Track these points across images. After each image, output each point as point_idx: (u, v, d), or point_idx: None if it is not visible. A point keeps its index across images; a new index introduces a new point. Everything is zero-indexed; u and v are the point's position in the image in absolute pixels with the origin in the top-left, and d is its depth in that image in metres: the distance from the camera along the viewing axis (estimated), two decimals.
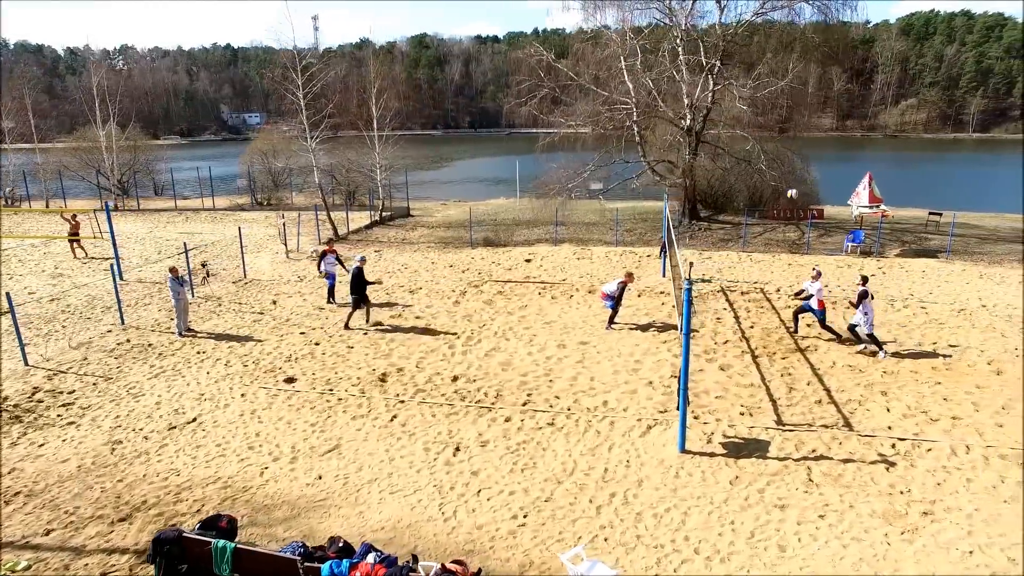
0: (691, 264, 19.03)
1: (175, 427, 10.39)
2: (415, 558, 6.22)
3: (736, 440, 9.76)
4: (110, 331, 14.84)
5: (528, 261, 21.83)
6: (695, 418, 10.47)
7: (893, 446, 9.54)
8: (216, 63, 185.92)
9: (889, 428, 10.09)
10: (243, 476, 8.98)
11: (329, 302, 17.08)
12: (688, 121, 25.08)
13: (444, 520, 7.91)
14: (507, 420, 10.53)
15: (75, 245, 21.97)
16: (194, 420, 10.63)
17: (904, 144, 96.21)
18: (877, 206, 21.75)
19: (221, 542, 6.09)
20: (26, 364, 12.84)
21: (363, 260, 15.34)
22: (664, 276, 19.27)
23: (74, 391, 11.71)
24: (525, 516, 7.96)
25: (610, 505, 8.15)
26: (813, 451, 9.41)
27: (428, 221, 31.15)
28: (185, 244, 19.19)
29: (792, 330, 14.50)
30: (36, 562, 7.23)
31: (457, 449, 9.64)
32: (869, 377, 12.00)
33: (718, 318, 15.54)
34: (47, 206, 34.63)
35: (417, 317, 15.95)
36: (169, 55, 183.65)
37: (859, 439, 9.73)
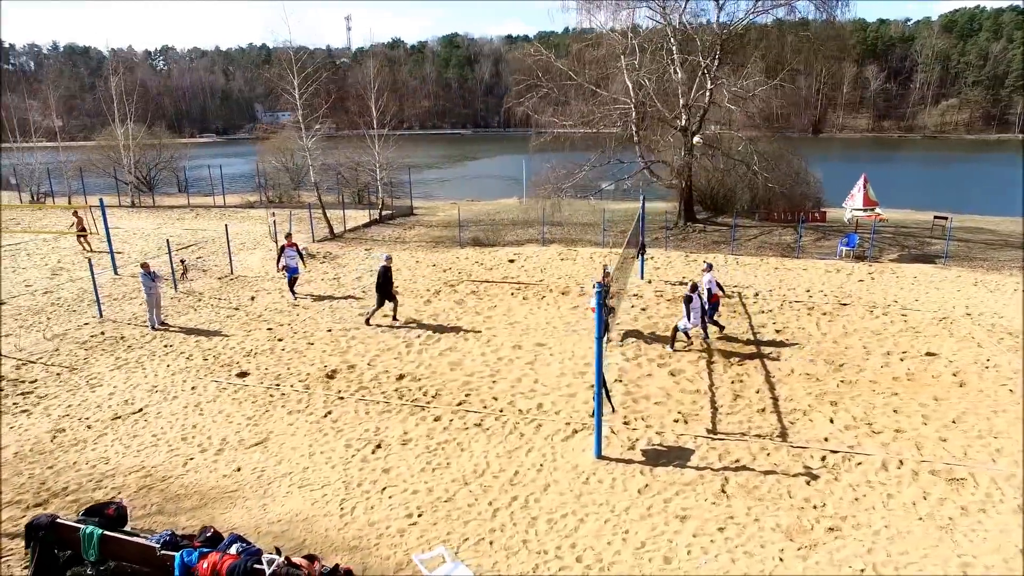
0: (605, 267, 19.01)
1: (119, 417, 10.75)
2: (278, 551, 6.32)
3: (659, 448, 9.61)
4: (87, 324, 15.40)
5: (511, 261, 21.82)
6: (624, 423, 10.36)
7: (823, 458, 9.28)
8: (251, 63, 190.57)
9: (825, 440, 9.81)
10: (167, 466, 9.24)
11: (292, 293, 17.52)
12: (683, 121, 24.71)
13: (340, 516, 8.01)
14: (436, 420, 10.59)
15: (82, 240, 22.87)
16: (140, 411, 10.98)
17: (943, 145, 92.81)
18: (872, 209, 21.06)
19: (89, 528, 6.30)
20: None
21: (389, 259, 15.60)
22: (642, 278, 19.04)
23: (36, 380, 12.20)
24: (420, 515, 8.01)
25: (508, 508, 8.13)
26: (736, 461, 9.21)
27: (428, 220, 31.38)
28: (168, 241, 19.79)
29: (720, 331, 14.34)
30: None
31: (378, 447, 9.74)
32: (824, 386, 11.68)
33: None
34: (69, 202, 36.03)
35: (385, 315, 16.10)
36: (207, 55, 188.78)
37: (789, 450, 9.50)
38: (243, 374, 12.55)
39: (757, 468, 9.01)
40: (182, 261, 19.12)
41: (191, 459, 9.43)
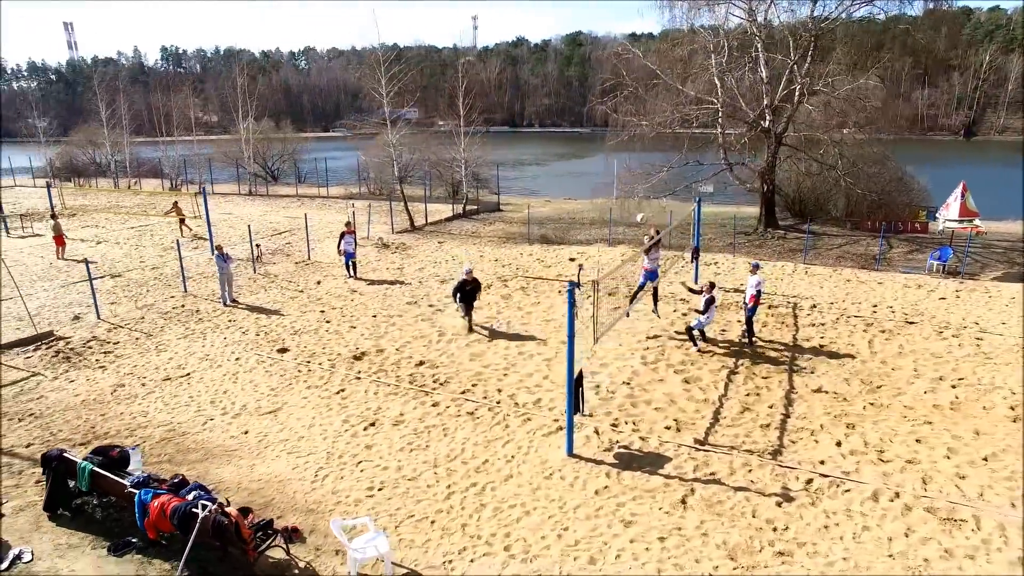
0: (580, 267, 18.53)
1: (169, 379, 12.31)
2: (228, 502, 7.14)
3: (637, 452, 9.51)
4: (173, 297, 17.57)
5: (572, 260, 21.89)
6: (612, 426, 10.32)
7: (809, 482, 8.74)
8: (382, 61, 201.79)
9: (821, 463, 9.21)
10: (189, 424, 10.53)
11: (352, 277, 19.03)
12: (766, 122, 23.42)
13: (311, 482, 8.76)
14: (434, 405, 11.12)
15: (183, 224, 25.94)
16: (187, 375, 12.50)
17: None
18: (969, 220, 18.81)
19: (84, 464, 7.47)
20: (98, 317, 15.71)
21: (469, 272, 14.84)
22: (696, 283, 18.41)
23: (119, 342, 14.21)
24: (379, 489, 8.58)
25: (463, 493, 8.48)
26: (712, 474, 8.92)
27: (511, 217, 32.03)
28: (249, 227, 21.88)
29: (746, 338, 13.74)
30: (4, 467, 9.21)
31: (371, 424, 10.44)
32: (848, 407, 10.87)
33: (723, 329, 14.71)
34: (200, 191, 40.56)
35: (430, 305, 16.90)
36: (343, 55, 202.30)
37: (774, 469, 9.03)
38: (283, 350, 13.81)
39: (730, 483, 8.68)
40: (257, 245, 21.11)
41: (211, 420, 10.65)
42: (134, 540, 7.24)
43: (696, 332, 13.44)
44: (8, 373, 12.57)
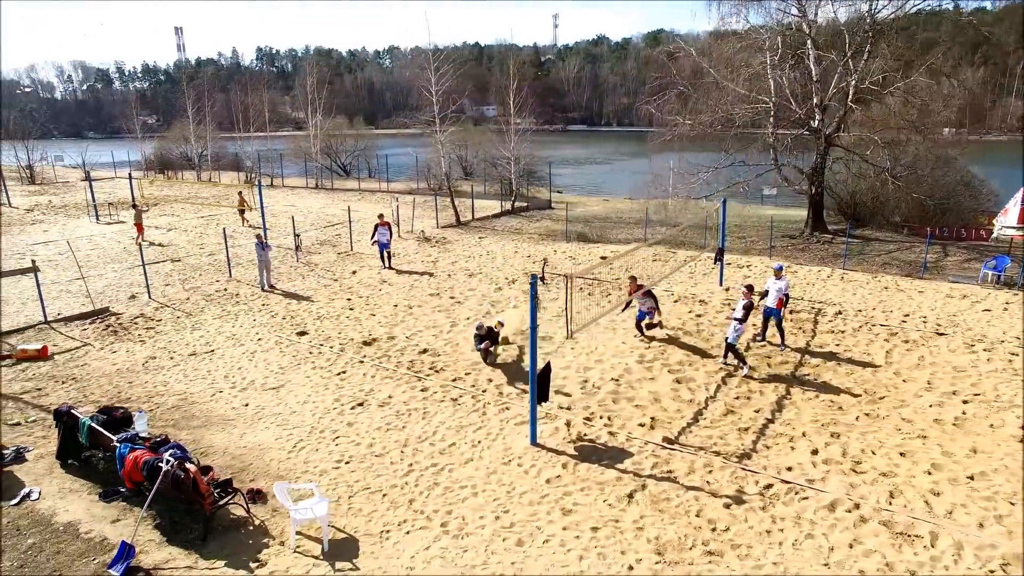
0: (545, 260, 18.57)
1: (195, 354, 13.51)
2: (197, 460, 7.95)
3: (601, 446, 9.65)
4: (219, 281, 19.05)
5: (603, 259, 21.91)
6: (586, 419, 10.49)
7: (768, 487, 8.62)
8: (462, 59, 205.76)
9: (788, 469, 9.03)
10: (200, 395, 11.57)
11: (387, 267, 20.13)
12: (816, 122, 22.46)
13: (288, 452, 9.50)
14: (423, 390, 11.66)
15: (242, 215, 27.84)
16: (211, 351, 13.66)
17: None
18: None
19: (84, 420, 8.51)
20: (149, 297, 17.31)
21: (480, 327, 13.19)
22: (720, 284, 18.06)
23: (161, 320, 15.65)
24: (347, 462, 9.19)
25: (421, 472, 8.95)
26: (669, 472, 8.96)
27: (560, 215, 32.17)
28: (292, 219, 23.23)
29: (759, 337, 13.37)
30: (39, 419, 10.52)
31: (359, 404, 11.10)
32: (840, 416, 10.52)
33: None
34: (271, 184, 43.20)
35: (451, 297, 17.50)
36: (424, 53, 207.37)
37: (735, 472, 8.95)
38: (302, 333, 14.78)
39: (684, 483, 8.69)
40: (297, 235, 22.41)
41: (220, 392, 11.66)
42: (122, 489, 8.17)
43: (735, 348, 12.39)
44: (65, 342, 14.17)
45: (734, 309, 12.70)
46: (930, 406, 10.88)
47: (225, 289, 18.25)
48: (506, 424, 10.33)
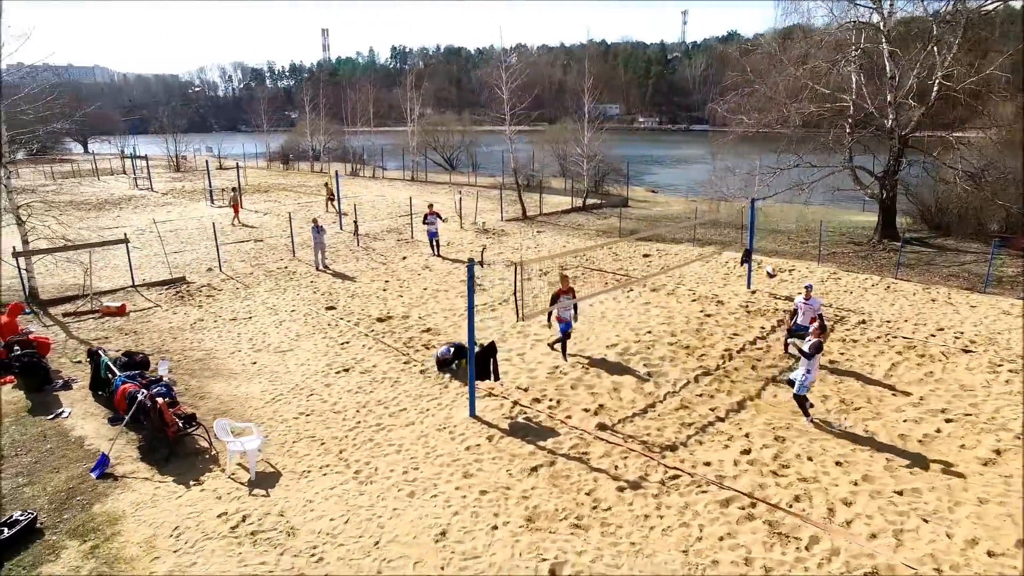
0: (484, 247, 18.92)
1: (235, 319, 15.61)
2: (172, 397, 9.62)
3: (533, 425, 10.23)
4: (282, 259, 21.43)
5: (645, 256, 21.91)
6: (535, 400, 11.08)
7: (675, 478, 8.79)
8: (588, 58, 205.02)
9: (706, 464, 9.13)
10: (221, 351, 13.50)
11: (434, 255, 21.21)
12: (889, 121, 20.86)
13: (265, 403, 11.01)
14: (406, 363, 12.80)
15: (329, 203, 30.56)
16: (249, 318, 15.70)
17: None
18: None
19: (104, 359, 10.51)
20: (220, 270, 19.95)
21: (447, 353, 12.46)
22: (748, 287, 17.57)
23: (222, 290, 18.09)
24: (307, 415, 10.53)
25: (364, 430, 10.04)
26: (584, 454, 9.36)
27: (631, 213, 32.15)
28: (354, 207, 25.25)
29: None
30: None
31: (346, 370, 12.45)
32: (800, 422, 10.31)
33: (760, 336, 14.19)
34: (373, 175, 46.54)
35: (479, 285, 18.52)
36: (552, 51, 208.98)
37: (648, 462, 9.17)
38: (331, 307, 16.49)
39: (593, 464, 9.09)
40: (354, 221, 24.42)
41: (239, 351, 13.53)
42: (125, 417, 10.05)
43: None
44: (142, 303, 16.90)
45: (800, 351, 10.41)
46: (904, 421, 10.32)
47: (285, 267, 20.56)
48: (459, 398, 11.18)
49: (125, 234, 18.92)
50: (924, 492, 8.41)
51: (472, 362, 10.40)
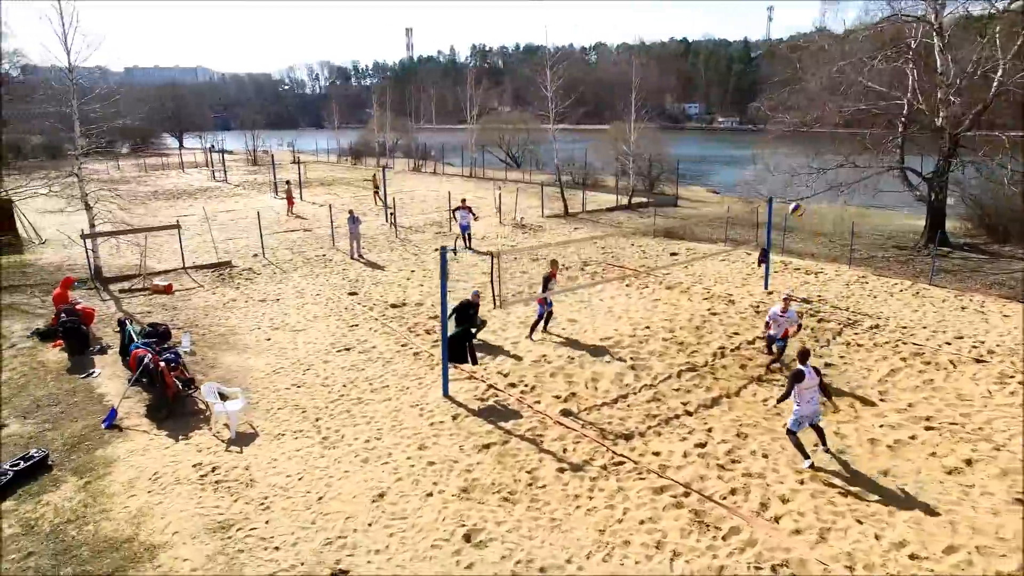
0: (456, 238, 19.29)
1: (264, 300, 16.93)
2: (180, 363, 10.78)
3: (500, 408, 10.69)
4: (322, 248, 22.81)
5: (673, 255, 21.77)
6: (511, 384, 11.55)
7: (620, 464, 9.05)
8: (668, 56, 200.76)
9: (655, 454, 9.31)
10: (242, 327, 14.75)
11: (466, 247, 21.94)
12: (940, 120, 19.70)
13: (265, 375, 12.05)
14: (403, 345, 13.57)
15: (376, 195, 31.97)
16: (277, 300, 16.98)
17: None
18: None
19: (129, 328, 11.87)
20: (263, 256, 21.52)
21: (476, 295, 12.95)
22: (765, 288, 17.21)
23: (260, 274, 19.56)
24: (299, 387, 11.47)
25: (344, 402, 10.83)
26: (538, 436, 9.74)
27: (678, 212, 31.83)
28: (394, 199, 26.36)
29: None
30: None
31: (347, 349, 13.37)
32: (766, 422, 10.27)
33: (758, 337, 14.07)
34: (434, 171, 48.00)
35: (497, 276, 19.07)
36: (631, 49, 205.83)
37: (598, 447, 9.44)
38: (352, 293, 17.53)
39: (544, 447, 9.45)
40: (391, 213, 25.50)
41: (258, 328, 14.75)
42: (144, 379, 11.35)
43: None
44: (188, 283, 18.58)
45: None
46: (880, 426, 10.06)
47: (323, 255, 21.91)
48: (439, 378, 11.80)
49: (177, 220, 20.82)
50: (869, 495, 8.28)
51: (445, 346, 11.00)
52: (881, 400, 10.97)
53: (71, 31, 16.56)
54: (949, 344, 13.26)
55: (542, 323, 14.09)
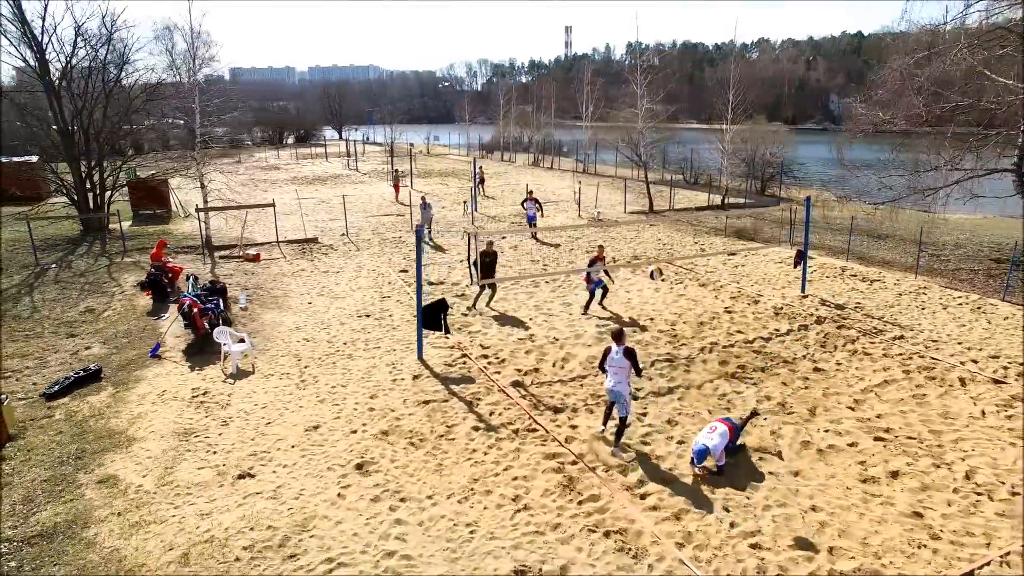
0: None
1: (327, 272, 19.28)
2: (199, 308, 13.15)
3: (462, 375, 11.67)
4: (400, 231, 25.06)
5: (731, 255, 21.12)
6: (484, 356, 12.53)
7: (533, 431, 9.74)
8: (838, 52, 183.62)
9: (588, 429, 9.86)
10: (296, 292, 17.10)
11: (530, 237, 23.06)
12: None
13: (288, 330, 14.10)
14: (414, 316, 15.03)
15: (481, 186, 33.80)
16: (337, 272, 19.30)
17: None
18: None
19: (190, 277, 14.56)
20: (346, 235, 24.19)
21: (491, 243, 15.95)
22: (802, 291, 16.34)
23: (337, 250, 22.14)
24: (308, 341, 13.37)
25: (338, 363, 12.34)
26: (476, 399, 10.65)
27: (771, 215, 30.13)
28: (471, 190, 27.79)
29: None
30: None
31: (367, 316, 15.12)
32: (711, 415, 10.37)
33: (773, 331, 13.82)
34: (551, 165, 49.29)
35: (544, 267, 19.98)
36: (798, 45, 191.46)
37: (528, 416, 10.18)
38: (403, 271, 19.32)
39: (476, 410, 10.31)
40: (464, 202, 27.02)
41: (307, 293, 17.04)
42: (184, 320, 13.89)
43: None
44: (275, 254, 21.61)
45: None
46: (825, 431, 9.72)
47: (399, 237, 24.13)
48: (427, 347, 13.10)
49: (272, 200, 24.16)
50: (757, 491, 8.24)
51: (419, 312, 12.28)
52: (849, 408, 10.45)
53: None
54: (976, 362, 12.00)
55: (595, 300, 15.23)
